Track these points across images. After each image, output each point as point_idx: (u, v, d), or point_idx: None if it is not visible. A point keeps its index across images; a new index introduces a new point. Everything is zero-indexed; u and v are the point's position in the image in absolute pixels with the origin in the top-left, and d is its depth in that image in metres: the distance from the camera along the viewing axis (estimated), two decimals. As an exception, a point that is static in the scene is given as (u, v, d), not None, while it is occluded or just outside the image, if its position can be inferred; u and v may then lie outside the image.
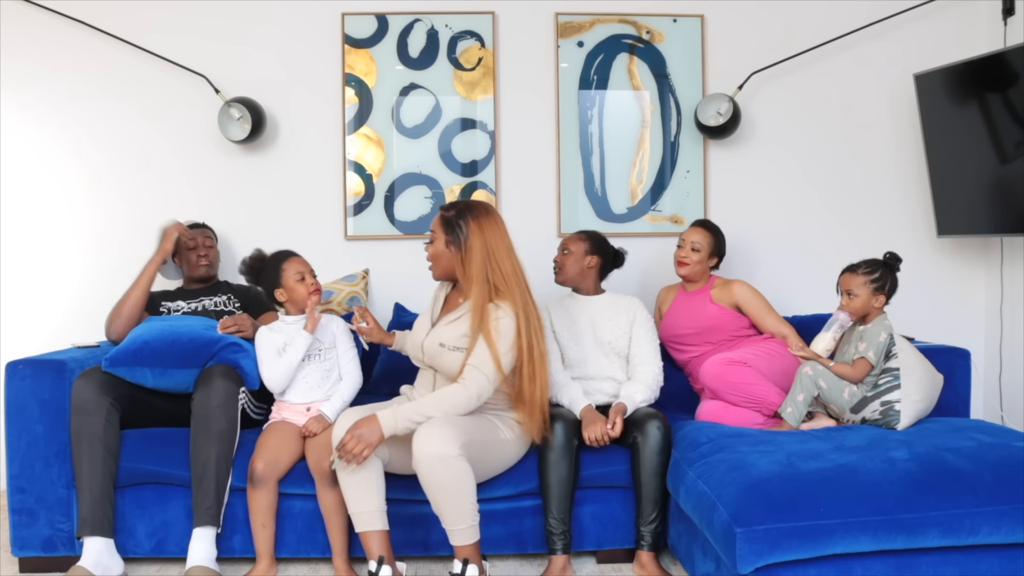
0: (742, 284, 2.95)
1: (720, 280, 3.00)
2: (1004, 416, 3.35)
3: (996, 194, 3.08)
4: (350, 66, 3.42)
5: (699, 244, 2.94)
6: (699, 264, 2.95)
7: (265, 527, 2.45)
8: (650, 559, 2.48)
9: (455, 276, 2.43)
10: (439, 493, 2.16)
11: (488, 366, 2.27)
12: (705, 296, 2.96)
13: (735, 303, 2.93)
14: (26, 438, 2.53)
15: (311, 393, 2.60)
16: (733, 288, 2.94)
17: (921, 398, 2.50)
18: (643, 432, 2.49)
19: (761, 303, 2.92)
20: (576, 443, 2.50)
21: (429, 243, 2.44)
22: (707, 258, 2.96)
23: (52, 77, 3.37)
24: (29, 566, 2.59)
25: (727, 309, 2.92)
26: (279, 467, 2.47)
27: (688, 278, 2.99)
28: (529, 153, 3.48)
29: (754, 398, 2.63)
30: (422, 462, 2.13)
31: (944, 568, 2.04)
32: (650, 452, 2.47)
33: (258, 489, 2.43)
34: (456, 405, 2.25)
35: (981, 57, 3.03)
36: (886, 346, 2.51)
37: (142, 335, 2.59)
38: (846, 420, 2.56)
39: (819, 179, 3.53)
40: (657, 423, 2.50)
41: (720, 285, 2.97)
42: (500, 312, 2.31)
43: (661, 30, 3.46)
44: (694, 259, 2.95)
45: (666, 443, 2.48)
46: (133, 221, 3.41)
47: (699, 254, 2.95)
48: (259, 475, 2.43)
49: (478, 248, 2.33)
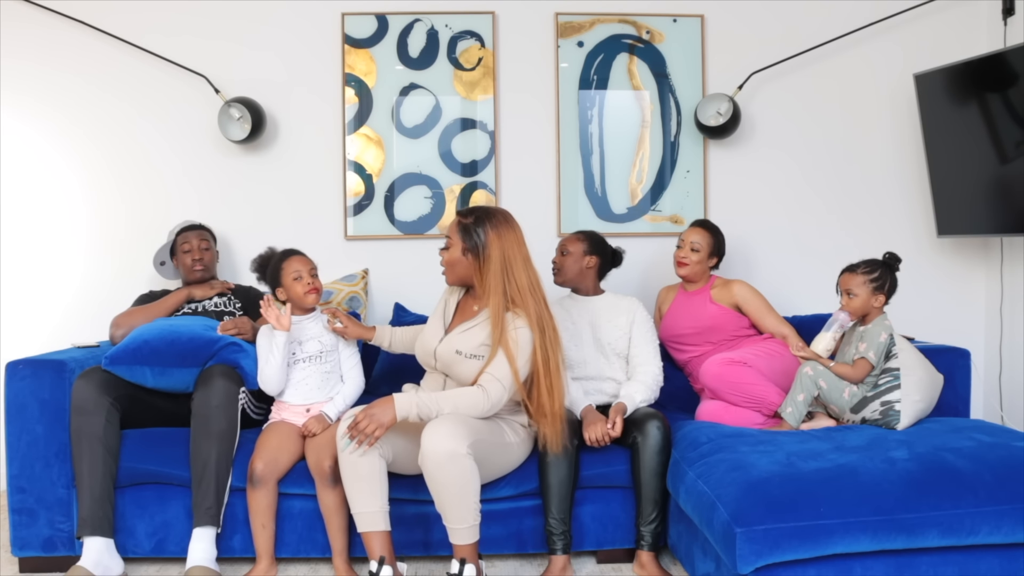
0: (742, 284, 2.95)
1: (720, 280, 3.00)
2: (1004, 416, 3.35)
3: (996, 194, 3.08)
4: (350, 66, 3.42)
5: (698, 244, 2.94)
6: (699, 264, 2.95)
7: (265, 527, 2.45)
8: (650, 559, 2.48)
9: (470, 283, 2.42)
10: (444, 490, 2.15)
11: (508, 378, 2.28)
12: (705, 296, 2.96)
13: (735, 303, 2.93)
14: (26, 438, 2.53)
15: (311, 395, 2.59)
16: (733, 288, 2.94)
17: (921, 398, 2.50)
18: (643, 432, 2.49)
19: (761, 303, 2.92)
20: (576, 443, 2.50)
21: (444, 248, 2.42)
22: (707, 258, 2.96)
23: (52, 77, 3.37)
24: (29, 566, 2.59)
25: (727, 309, 2.92)
26: (279, 467, 2.47)
27: (688, 278, 2.99)
28: (529, 153, 3.48)
29: (754, 398, 2.63)
30: (430, 458, 2.13)
31: (944, 568, 2.04)
32: (650, 452, 2.47)
33: (258, 489, 2.43)
34: (473, 407, 2.25)
35: (981, 57, 3.03)
36: (886, 346, 2.51)
37: (142, 334, 2.59)
38: (846, 420, 2.56)
39: (819, 179, 3.53)
40: (657, 423, 2.50)
41: (720, 285, 2.97)
42: (518, 322, 2.31)
43: (661, 30, 3.46)
44: (694, 259, 2.94)
45: (666, 443, 2.49)
46: (133, 221, 3.41)
47: (698, 254, 2.95)
48: (259, 475, 2.43)
49: (496, 258, 2.32)
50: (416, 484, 2.39)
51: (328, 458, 2.42)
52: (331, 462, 2.41)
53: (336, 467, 2.39)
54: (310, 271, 2.61)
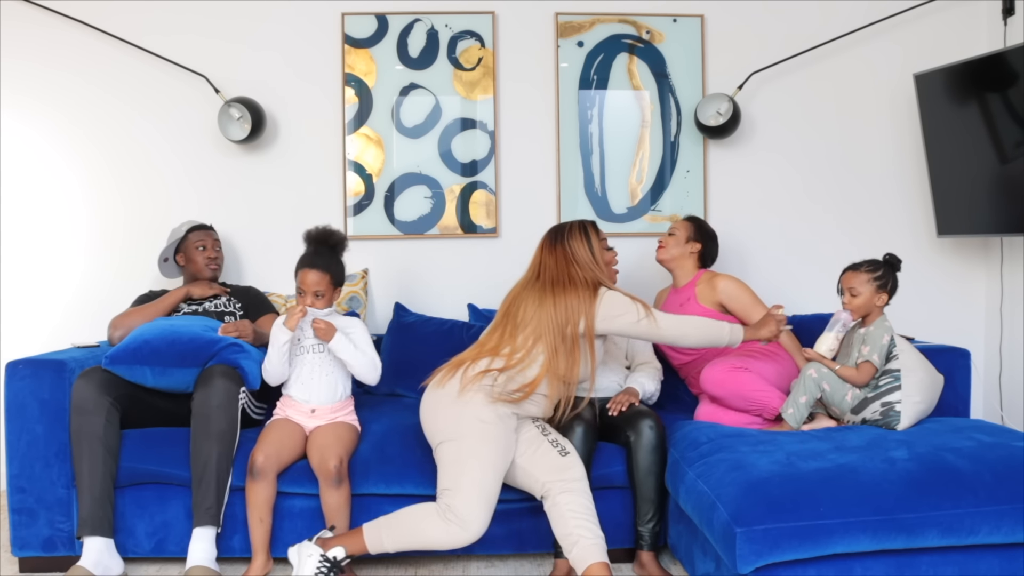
0: (727, 280, 2.86)
1: (707, 275, 2.91)
2: (1004, 416, 3.35)
3: (996, 194, 3.08)
4: (350, 66, 3.43)
5: (675, 229, 2.95)
6: (675, 248, 2.92)
7: (263, 521, 2.44)
8: (650, 559, 2.48)
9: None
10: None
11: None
12: (689, 294, 2.90)
13: (718, 301, 2.84)
14: (26, 438, 2.53)
15: (315, 390, 2.57)
16: (718, 284, 2.85)
17: (922, 399, 2.50)
18: (636, 431, 2.48)
19: (747, 300, 2.82)
20: (590, 448, 2.49)
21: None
22: (684, 242, 2.92)
23: (52, 77, 3.37)
24: (29, 566, 2.59)
25: (709, 311, 2.84)
26: (280, 461, 2.46)
27: (665, 263, 2.96)
28: (529, 153, 3.48)
29: (758, 404, 2.61)
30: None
31: (944, 568, 2.04)
32: (644, 451, 2.46)
33: (257, 482, 2.42)
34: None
35: (981, 57, 3.03)
36: (888, 348, 2.51)
37: (142, 334, 2.59)
38: (846, 421, 2.56)
39: (819, 179, 3.53)
40: (650, 422, 2.49)
41: (705, 280, 2.89)
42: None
43: (661, 30, 3.46)
44: (670, 243, 2.93)
45: (660, 441, 2.48)
46: (133, 221, 3.41)
47: (674, 238, 2.93)
48: (259, 467, 2.42)
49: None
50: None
51: (333, 458, 2.41)
52: (336, 462, 2.41)
53: (341, 467, 2.39)
54: (314, 292, 2.52)
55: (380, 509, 2.50)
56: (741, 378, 2.62)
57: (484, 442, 2.25)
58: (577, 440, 2.45)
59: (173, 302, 2.89)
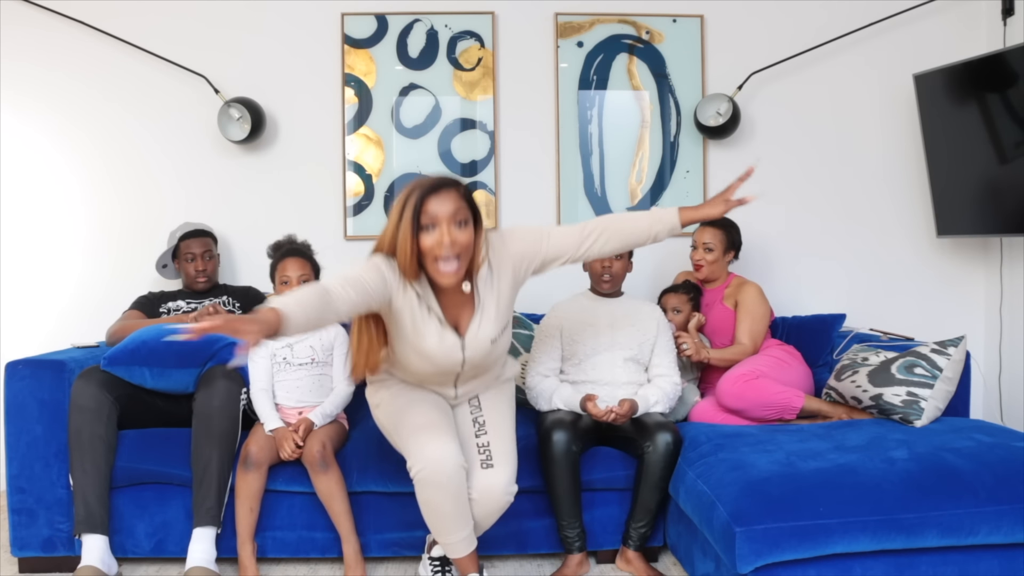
0: (753, 287, 2.94)
1: (738, 280, 2.99)
2: (1004, 416, 3.35)
3: (996, 194, 3.08)
4: (350, 66, 3.43)
5: (711, 243, 2.95)
6: (715, 263, 2.96)
7: (252, 511, 2.46)
8: (636, 556, 2.50)
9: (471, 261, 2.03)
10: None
11: None
12: (718, 295, 2.97)
13: (739, 300, 2.92)
14: (26, 438, 2.53)
15: (304, 398, 2.59)
16: (746, 289, 2.93)
17: (942, 408, 2.54)
18: (653, 442, 2.44)
19: (754, 308, 2.87)
20: (576, 449, 2.46)
21: (459, 230, 1.95)
22: (722, 255, 2.96)
23: (52, 78, 3.37)
24: (29, 566, 2.59)
25: (732, 312, 2.91)
26: (272, 453, 2.49)
27: (707, 279, 3.00)
28: (529, 153, 3.48)
29: (779, 406, 2.62)
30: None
31: (944, 568, 2.04)
32: (655, 465, 2.43)
33: (250, 472, 2.44)
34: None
35: (981, 57, 3.03)
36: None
37: (140, 335, 2.59)
38: (861, 394, 2.58)
39: (819, 179, 3.53)
40: (668, 436, 2.44)
41: (736, 285, 2.97)
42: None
43: (661, 30, 3.46)
44: (709, 259, 2.95)
45: (673, 459, 2.44)
46: (132, 221, 3.41)
47: (713, 253, 2.95)
48: (253, 457, 2.44)
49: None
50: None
51: (316, 443, 2.45)
52: (319, 447, 2.44)
53: (324, 451, 2.43)
54: (299, 277, 2.60)
55: (380, 507, 2.52)
56: (758, 386, 2.63)
57: (389, 414, 2.24)
58: (558, 448, 2.42)
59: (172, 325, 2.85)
